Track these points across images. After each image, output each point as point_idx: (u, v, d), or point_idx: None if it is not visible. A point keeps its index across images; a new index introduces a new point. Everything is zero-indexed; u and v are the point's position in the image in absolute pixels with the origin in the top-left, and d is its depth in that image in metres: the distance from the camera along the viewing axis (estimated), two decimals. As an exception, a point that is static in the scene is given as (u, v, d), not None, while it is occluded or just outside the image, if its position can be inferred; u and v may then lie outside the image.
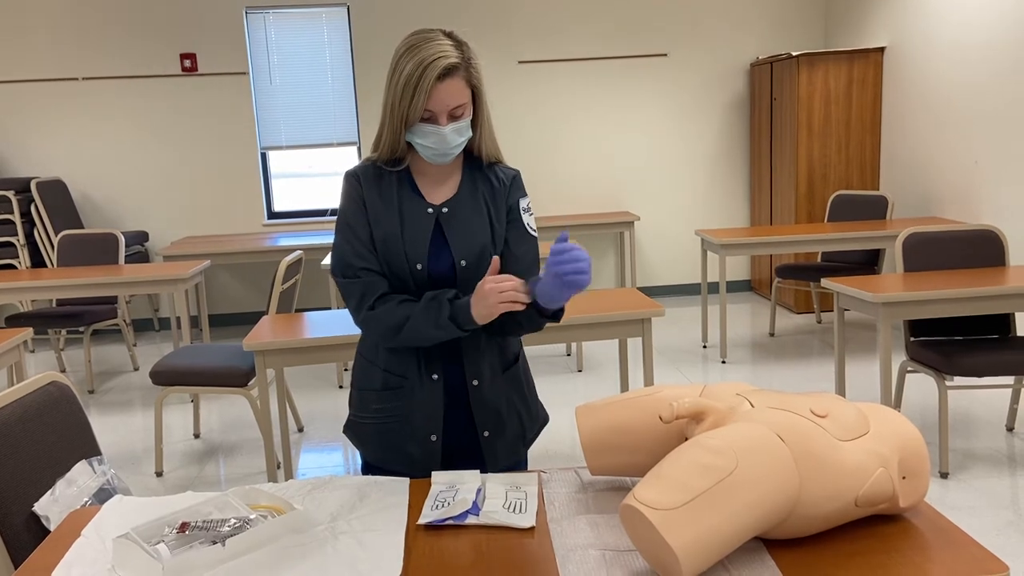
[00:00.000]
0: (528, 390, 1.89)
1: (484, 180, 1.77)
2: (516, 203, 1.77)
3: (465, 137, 1.68)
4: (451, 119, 1.64)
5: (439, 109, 1.62)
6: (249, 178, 6.57)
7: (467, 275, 1.71)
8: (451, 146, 1.66)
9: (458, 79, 1.61)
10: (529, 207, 1.80)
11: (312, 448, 4.06)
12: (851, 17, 6.32)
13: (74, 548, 1.42)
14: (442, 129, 1.63)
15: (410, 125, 1.64)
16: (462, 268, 1.70)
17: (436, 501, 1.53)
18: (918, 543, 1.30)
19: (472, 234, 1.71)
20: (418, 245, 1.69)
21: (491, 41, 6.55)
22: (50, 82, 6.32)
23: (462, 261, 1.70)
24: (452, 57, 1.59)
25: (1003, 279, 3.42)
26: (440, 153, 1.67)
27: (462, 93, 1.63)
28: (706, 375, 4.83)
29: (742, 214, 6.93)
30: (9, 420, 1.74)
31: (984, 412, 4.04)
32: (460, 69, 1.61)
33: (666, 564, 1.20)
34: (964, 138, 5.06)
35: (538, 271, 1.79)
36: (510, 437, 1.82)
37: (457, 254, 1.70)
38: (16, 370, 3.44)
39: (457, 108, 1.63)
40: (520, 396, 1.85)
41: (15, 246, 5.93)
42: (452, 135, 1.65)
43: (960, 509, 3.10)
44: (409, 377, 1.75)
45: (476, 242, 1.71)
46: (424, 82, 1.58)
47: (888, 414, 1.41)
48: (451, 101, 1.62)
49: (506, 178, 1.78)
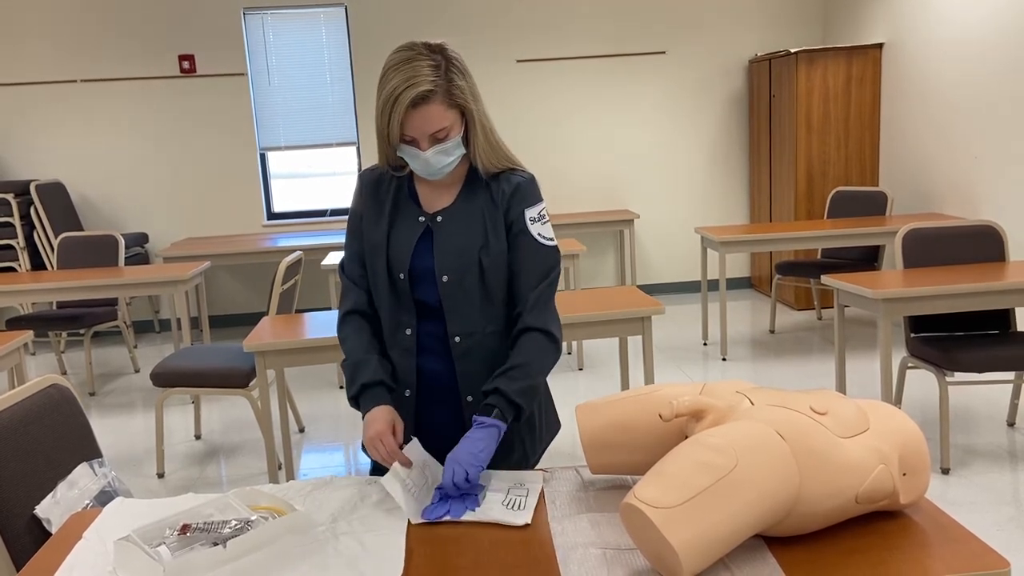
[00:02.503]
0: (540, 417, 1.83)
1: (485, 192, 1.70)
2: (520, 214, 1.68)
3: (454, 156, 1.63)
4: (434, 142, 1.59)
5: (417, 135, 1.58)
6: (248, 179, 6.57)
7: (449, 291, 1.67)
8: (435, 168, 1.62)
9: (435, 104, 1.55)
10: (541, 216, 1.71)
11: (313, 449, 4.06)
12: (849, 13, 6.31)
13: (75, 550, 1.42)
14: (423, 154, 1.59)
15: (394, 145, 1.62)
16: (443, 284, 1.66)
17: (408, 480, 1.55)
18: (919, 539, 1.30)
19: (459, 249, 1.66)
20: (403, 255, 1.67)
21: (489, 40, 6.55)
22: (49, 84, 6.31)
23: (444, 276, 1.66)
24: (425, 84, 1.53)
25: (1003, 274, 3.42)
26: (429, 173, 1.64)
27: (441, 117, 1.57)
28: (706, 373, 4.83)
29: (741, 211, 6.93)
30: (10, 423, 1.74)
31: (985, 408, 4.04)
32: (436, 94, 1.54)
33: (667, 562, 1.20)
34: (963, 133, 5.06)
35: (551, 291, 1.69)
36: (509, 463, 1.75)
37: (440, 269, 1.66)
38: (17, 373, 3.44)
39: (439, 132, 1.58)
40: (530, 427, 1.80)
41: (15, 249, 5.93)
42: (436, 157, 1.60)
43: (961, 505, 3.10)
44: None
45: (461, 258, 1.66)
46: (397, 110, 1.54)
47: (888, 411, 1.41)
48: (427, 128, 1.56)
49: (509, 188, 1.69)
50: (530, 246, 1.69)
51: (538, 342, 1.66)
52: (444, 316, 1.69)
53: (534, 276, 1.68)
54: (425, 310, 1.71)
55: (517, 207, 1.68)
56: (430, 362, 1.73)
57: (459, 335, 1.69)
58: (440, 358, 1.72)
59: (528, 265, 1.68)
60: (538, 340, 1.66)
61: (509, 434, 1.72)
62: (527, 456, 1.81)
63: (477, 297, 1.68)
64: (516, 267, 1.69)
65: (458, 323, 1.69)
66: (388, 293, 1.70)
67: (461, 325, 1.69)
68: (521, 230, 1.68)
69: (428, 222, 1.70)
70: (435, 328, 1.71)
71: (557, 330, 1.69)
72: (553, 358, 1.69)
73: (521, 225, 1.68)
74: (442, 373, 1.73)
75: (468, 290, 1.67)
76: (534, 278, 1.68)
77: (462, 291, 1.67)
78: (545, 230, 1.71)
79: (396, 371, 1.75)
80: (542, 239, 1.70)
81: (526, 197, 1.70)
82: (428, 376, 1.74)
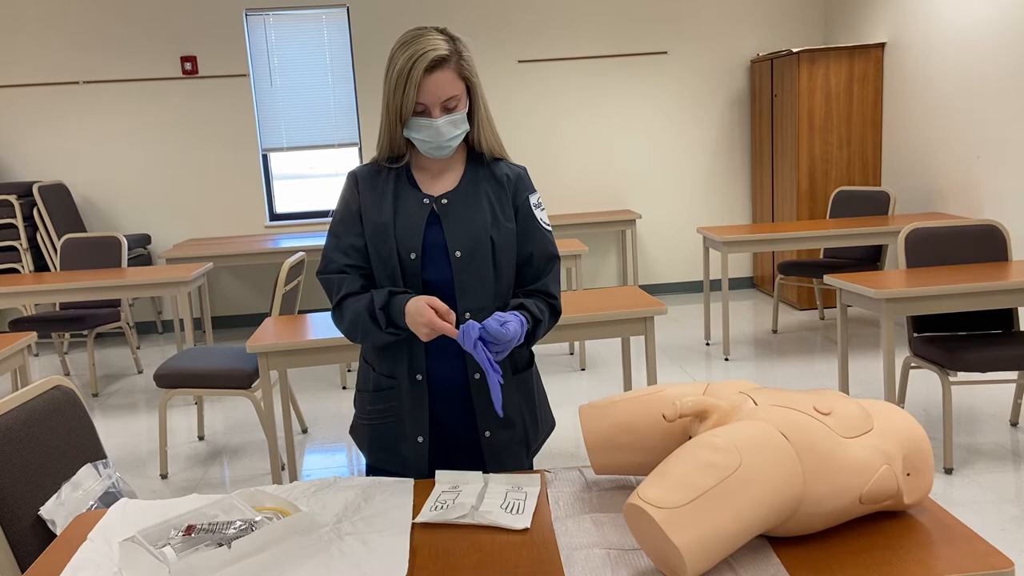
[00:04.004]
0: (539, 398, 1.88)
1: (488, 176, 1.76)
2: (525, 200, 1.77)
3: (461, 130, 1.69)
4: (444, 111, 1.65)
5: (431, 101, 1.63)
6: (250, 180, 6.57)
7: (462, 266, 1.69)
8: (446, 138, 1.66)
9: (448, 71, 1.63)
10: (540, 203, 1.81)
11: (316, 449, 4.07)
12: (851, 13, 6.31)
13: (80, 552, 1.43)
14: (435, 121, 1.64)
15: (405, 119, 1.65)
16: (456, 259, 1.69)
17: (437, 502, 1.53)
18: (923, 540, 1.30)
19: (469, 226, 1.70)
20: (412, 234, 1.69)
21: (490, 41, 6.55)
22: (51, 86, 6.32)
23: (457, 252, 1.69)
24: (441, 50, 1.61)
25: (1006, 274, 3.42)
26: (436, 146, 1.67)
27: (453, 85, 1.64)
28: (709, 373, 4.83)
29: (744, 211, 6.93)
30: (14, 424, 1.74)
31: (988, 407, 4.04)
32: (450, 61, 1.63)
33: (671, 563, 1.20)
34: (965, 133, 5.05)
35: (551, 267, 1.78)
36: (513, 441, 1.80)
37: (452, 244, 1.69)
38: (20, 374, 3.45)
39: (450, 100, 1.64)
40: (528, 401, 1.84)
41: (18, 250, 5.94)
42: (446, 127, 1.65)
43: (964, 505, 3.09)
44: (398, 378, 1.75)
45: (473, 234, 1.70)
46: (414, 74, 1.60)
47: (891, 411, 1.41)
48: (442, 93, 1.63)
49: (512, 175, 1.77)
50: (538, 231, 1.78)
51: (547, 312, 1.76)
52: (455, 294, 1.71)
53: (543, 259, 1.78)
54: (433, 294, 1.72)
55: (522, 193, 1.78)
56: (439, 344, 1.74)
57: (470, 311, 1.71)
58: (449, 340, 1.74)
59: (531, 249, 1.77)
60: (547, 310, 1.76)
61: (512, 413, 1.79)
62: (527, 438, 1.83)
63: (488, 274, 1.71)
64: (526, 249, 1.77)
65: (470, 299, 1.71)
66: (396, 276, 1.70)
67: (472, 300, 1.71)
68: (528, 214, 1.77)
69: (433, 204, 1.72)
70: None
71: (561, 305, 1.82)
72: (550, 328, 1.80)
73: (527, 210, 1.77)
74: (451, 355, 1.75)
75: (480, 266, 1.70)
76: (543, 260, 1.78)
77: (474, 267, 1.70)
78: (544, 216, 1.82)
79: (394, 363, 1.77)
80: (544, 225, 1.79)
81: (528, 185, 1.80)
82: (437, 358, 1.75)
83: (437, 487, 1.59)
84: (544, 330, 1.75)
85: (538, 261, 1.76)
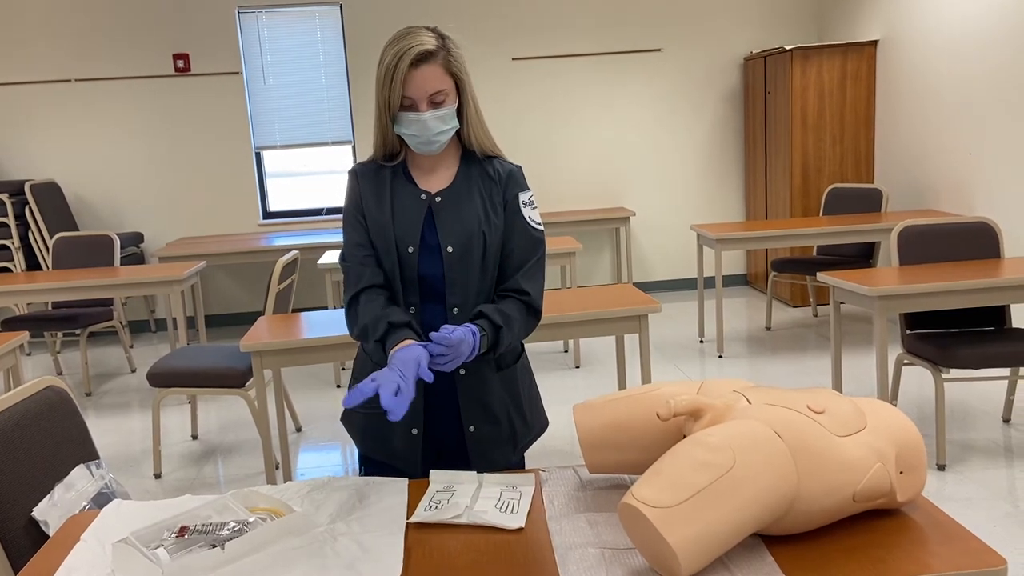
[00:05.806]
0: (526, 395, 1.88)
1: (481, 172, 1.78)
2: (514, 197, 1.78)
3: (449, 126, 1.70)
4: (432, 106, 1.66)
5: (417, 95, 1.65)
6: (244, 178, 6.56)
7: (453, 260, 1.72)
8: (433, 132, 1.68)
9: (435, 66, 1.65)
10: (531, 201, 1.81)
11: (310, 448, 4.06)
12: (844, 10, 6.32)
13: (73, 553, 1.42)
14: (422, 115, 1.66)
15: (394, 114, 1.68)
16: (448, 254, 1.72)
17: (431, 501, 1.53)
18: (916, 537, 1.31)
19: (461, 222, 1.73)
20: (410, 229, 1.73)
21: (484, 38, 6.54)
22: (43, 84, 6.30)
23: (448, 247, 1.72)
24: (428, 45, 1.64)
25: (998, 271, 3.43)
26: (424, 140, 1.69)
27: (440, 79, 1.66)
28: (703, 370, 4.84)
29: (737, 208, 6.94)
30: (6, 425, 1.73)
31: (980, 404, 4.06)
32: (437, 56, 1.65)
33: (665, 562, 1.21)
34: (958, 130, 5.07)
35: (539, 266, 1.79)
36: (499, 438, 1.81)
37: (444, 240, 1.72)
38: (12, 374, 3.43)
39: (436, 95, 1.66)
40: (514, 398, 1.84)
41: (10, 249, 5.92)
42: (433, 122, 1.67)
43: (957, 501, 3.11)
44: None
45: (464, 230, 1.72)
46: (400, 68, 1.62)
47: (885, 409, 1.42)
48: (428, 87, 1.64)
49: (503, 171, 1.79)
50: (523, 229, 1.78)
51: (521, 310, 1.75)
52: (444, 289, 1.73)
53: (522, 255, 1.78)
54: (428, 288, 1.75)
55: (512, 190, 1.79)
56: None
57: (456, 306, 1.75)
58: None
59: (518, 244, 1.77)
60: (521, 308, 1.75)
61: (497, 409, 1.79)
62: (515, 436, 1.84)
63: (476, 269, 1.74)
64: (508, 247, 1.78)
65: (456, 294, 1.74)
66: (395, 271, 1.74)
67: (458, 296, 1.74)
68: (515, 211, 1.78)
69: (429, 200, 1.75)
70: (436, 308, 1.76)
71: (539, 301, 1.79)
72: (532, 326, 1.80)
73: (515, 207, 1.78)
74: None
75: (470, 262, 1.73)
76: (522, 256, 1.78)
77: (464, 263, 1.73)
78: (535, 215, 1.81)
79: None
80: (532, 223, 1.79)
81: (519, 183, 1.80)
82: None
83: (431, 487, 1.59)
84: (516, 332, 1.73)
85: (517, 257, 1.77)
